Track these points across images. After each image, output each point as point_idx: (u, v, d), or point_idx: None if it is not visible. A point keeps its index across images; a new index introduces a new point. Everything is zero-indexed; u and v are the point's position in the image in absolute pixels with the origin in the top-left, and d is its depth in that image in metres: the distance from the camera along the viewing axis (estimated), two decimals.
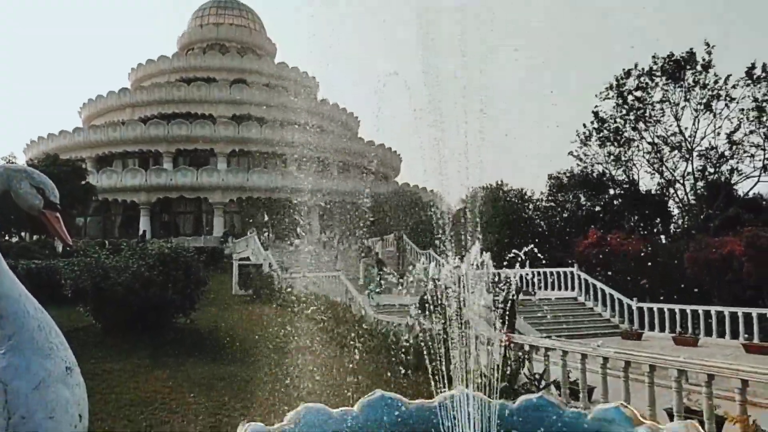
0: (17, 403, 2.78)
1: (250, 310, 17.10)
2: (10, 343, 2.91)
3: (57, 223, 3.23)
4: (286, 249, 31.79)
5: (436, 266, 20.46)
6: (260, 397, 7.69)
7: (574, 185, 39.82)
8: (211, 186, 41.37)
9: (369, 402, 4.43)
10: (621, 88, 37.00)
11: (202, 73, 50.97)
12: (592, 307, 20.28)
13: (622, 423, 4.02)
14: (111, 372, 9.20)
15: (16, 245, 25.98)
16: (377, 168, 50.13)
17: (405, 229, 32.45)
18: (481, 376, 4.81)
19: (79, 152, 44.77)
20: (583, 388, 7.66)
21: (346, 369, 9.40)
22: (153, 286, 11.77)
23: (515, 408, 4.50)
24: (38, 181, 3.21)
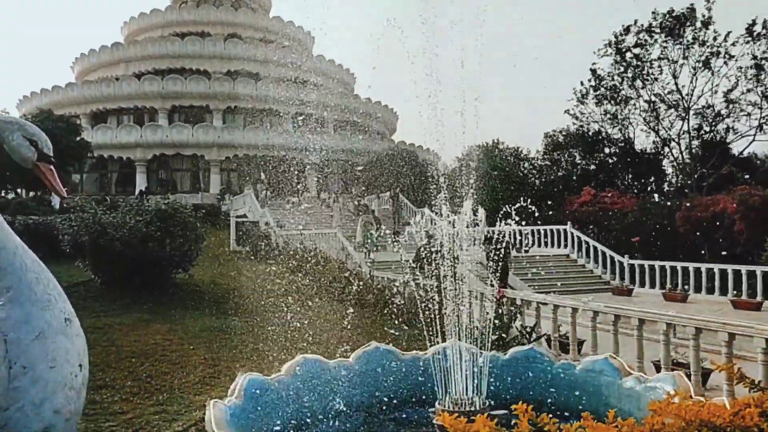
0: (17, 354, 2.84)
1: (248, 265, 17.25)
2: (9, 295, 2.95)
3: (51, 175, 3.23)
4: (282, 206, 31.82)
5: (431, 223, 20.55)
6: (258, 349, 7.85)
7: (570, 144, 39.71)
8: (207, 143, 41.04)
9: (364, 354, 4.54)
10: (620, 44, 36.48)
11: (196, 27, 49.85)
12: (584, 264, 20.52)
13: (610, 374, 4.14)
14: (111, 326, 9.34)
15: (13, 201, 25.93)
16: (374, 125, 49.73)
17: (401, 186, 32.44)
18: (473, 329, 4.91)
19: (73, 108, 44.15)
20: (573, 341, 7.83)
21: (341, 323, 9.57)
22: (151, 242, 11.83)
23: (506, 359, 4.63)
24: (31, 133, 3.19)
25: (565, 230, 21.56)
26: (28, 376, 2.83)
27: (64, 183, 3.40)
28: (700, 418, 1.77)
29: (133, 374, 6.87)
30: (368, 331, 8.98)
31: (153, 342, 8.48)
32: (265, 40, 49.79)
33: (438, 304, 5.15)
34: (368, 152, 40.54)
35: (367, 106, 48.52)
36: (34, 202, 26.57)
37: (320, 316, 10.05)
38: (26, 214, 19.41)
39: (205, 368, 7.20)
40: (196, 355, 7.80)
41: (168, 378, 6.75)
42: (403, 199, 32.16)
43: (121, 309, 10.77)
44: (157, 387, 6.41)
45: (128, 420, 5.37)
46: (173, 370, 7.09)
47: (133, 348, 8.09)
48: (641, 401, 3.75)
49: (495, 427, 1.59)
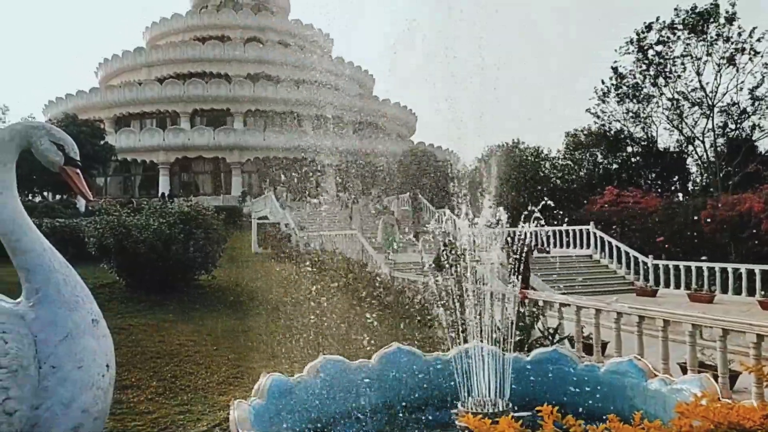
0: (47, 354, 2.90)
1: (269, 267, 17.37)
2: (38, 296, 3.02)
3: (77, 178, 3.30)
4: (302, 208, 31.98)
5: (452, 224, 20.49)
6: (280, 349, 7.90)
7: (592, 143, 39.30)
8: (228, 146, 41.45)
9: (386, 354, 4.54)
10: (641, 42, 35.99)
11: (216, 31, 50.42)
12: (608, 264, 20.27)
13: (635, 375, 4.08)
14: (136, 326, 9.48)
15: (39, 205, 26.44)
16: (393, 127, 49.74)
17: (420, 187, 32.38)
18: (495, 330, 4.88)
19: (96, 112, 44.93)
20: (596, 342, 7.75)
21: (362, 323, 9.59)
22: (174, 244, 11.99)
23: (529, 361, 4.59)
24: (58, 138, 3.26)
25: (588, 230, 21.32)
26: (57, 376, 2.89)
27: (90, 186, 3.46)
28: (729, 420, 1.74)
29: (158, 374, 6.96)
30: (389, 332, 8.97)
31: (177, 342, 8.58)
32: (285, 43, 50.16)
33: (459, 305, 5.13)
34: (387, 153, 40.57)
35: (385, 107, 48.56)
36: (60, 205, 27.07)
37: (341, 317, 10.08)
38: (53, 217, 19.79)
39: (229, 368, 7.27)
40: (219, 356, 7.88)
41: (192, 378, 6.83)
42: (422, 199, 32.10)
43: (145, 310, 10.92)
44: (181, 387, 6.49)
45: (154, 420, 5.45)
46: (197, 370, 7.18)
47: (158, 348, 8.20)
48: (667, 403, 3.70)
49: (520, 428, 1.58)
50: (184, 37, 50.72)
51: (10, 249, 3.07)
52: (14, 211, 3.11)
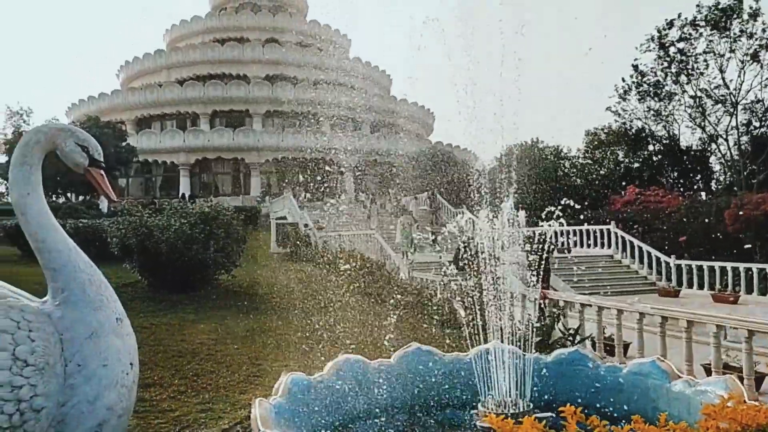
0: (72, 353, 2.95)
1: (288, 266, 17.48)
2: (63, 295, 3.07)
3: (102, 179, 3.35)
4: (320, 208, 32.11)
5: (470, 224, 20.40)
6: (300, 349, 7.94)
7: (612, 141, 38.89)
8: (248, 146, 41.78)
9: (405, 354, 4.54)
10: (663, 39, 35.51)
11: (235, 32, 50.85)
12: (629, 264, 20.04)
13: (658, 377, 4.03)
14: (158, 325, 9.61)
15: (63, 205, 26.91)
16: (410, 126, 49.71)
17: (438, 187, 32.32)
18: (515, 330, 4.85)
19: (118, 114, 45.61)
20: (618, 343, 7.66)
21: (381, 323, 9.59)
22: (195, 244, 12.12)
23: (550, 361, 4.55)
24: (82, 139, 3.32)
25: (609, 230, 21.10)
26: (83, 374, 2.94)
27: (113, 187, 3.52)
28: (757, 422, 1.71)
29: (180, 373, 7.04)
30: (408, 332, 8.98)
31: (198, 341, 8.68)
32: (303, 44, 50.39)
33: (479, 305, 5.11)
34: (405, 153, 40.55)
35: (403, 107, 48.54)
36: (83, 206, 27.54)
37: (360, 317, 10.10)
38: (76, 218, 20.14)
39: (249, 367, 7.33)
40: (240, 354, 7.95)
41: (213, 377, 6.90)
42: (440, 199, 32.03)
43: (167, 309, 11.06)
44: (203, 385, 6.56)
45: (176, 418, 5.52)
46: (218, 368, 7.25)
47: (179, 347, 8.30)
48: (691, 405, 3.64)
49: (543, 428, 1.57)
50: (203, 39, 51.25)
51: (37, 249, 3.14)
52: (40, 212, 3.18)
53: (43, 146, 3.25)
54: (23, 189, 3.16)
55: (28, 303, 3.03)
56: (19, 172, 3.17)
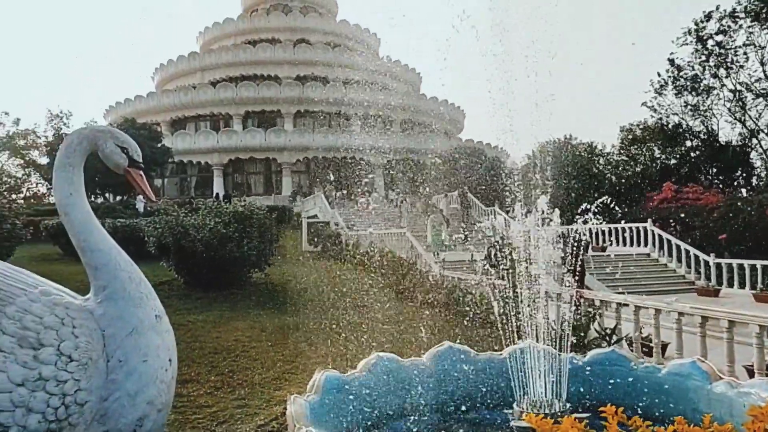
0: (114, 348, 3.03)
1: (320, 265, 17.61)
2: (105, 293, 3.15)
3: (141, 179, 3.43)
4: (351, 207, 32.24)
5: (503, 222, 20.23)
6: (332, 346, 8.00)
7: (648, 137, 38.04)
8: (279, 146, 42.21)
9: (438, 353, 4.53)
10: (700, 32, 34.54)
11: (267, 34, 51.40)
12: (666, 263, 19.59)
13: (698, 378, 3.93)
14: (194, 323, 9.79)
15: (102, 205, 27.62)
16: (440, 124, 49.50)
17: (469, 185, 32.11)
18: (549, 330, 4.79)
19: (154, 116, 46.56)
20: (656, 343, 7.49)
21: (412, 322, 9.59)
22: (229, 243, 12.32)
23: (586, 361, 4.49)
24: (122, 141, 3.40)
25: (645, 228, 20.66)
26: (124, 370, 3.01)
27: (151, 187, 3.60)
28: None
29: (216, 369, 7.16)
30: (439, 330, 8.94)
31: (233, 338, 8.81)
32: (333, 44, 50.67)
33: (512, 304, 5.07)
34: (435, 151, 40.40)
35: (433, 105, 48.37)
36: (121, 206, 28.22)
37: (391, 315, 10.12)
38: (114, 217, 20.63)
39: (283, 364, 7.41)
40: (273, 352, 8.04)
41: (248, 373, 7.00)
42: (471, 197, 31.82)
43: (202, 307, 11.26)
44: (238, 382, 6.66)
45: (213, 413, 5.62)
46: (253, 365, 7.35)
47: (215, 344, 8.44)
48: (733, 407, 3.55)
49: (584, 428, 1.55)
50: (235, 41, 51.95)
51: (80, 248, 3.22)
52: (83, 212, 3.26)
53: (85, 148, 3.34)
54: (67, 190, 3.25)
55: (72, 300, 3.11)
56: (62, 173, 3.26)
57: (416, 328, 9.00)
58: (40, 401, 2.74)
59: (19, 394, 2.71)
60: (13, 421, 2.69)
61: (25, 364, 2.76)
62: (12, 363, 2.73)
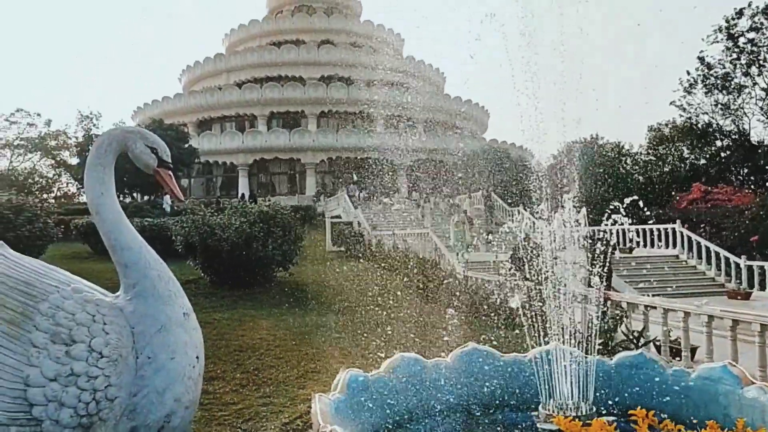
0: (143, 345, 3.08)
1: (343, 265, 17.67)
2: (135, 290, 3.20)
3: (170, 179, 3.48)
4: (374, 207, 32.29)
5: (528, 223, 20.07)
6: (356, 346, 8.03)
7: (677, 137, 37.35)
8: (303, 147, 42.50)
9: (462, 354, 4.51)
10: (732, 29, 33.78)
11: (291, 35, 51.81)
12: (695, 265, 19.20)
13: (729, 382, 3.85)
14: (220, 320, 9.92)
15: (130, 205, 28.12)
16: (464, 124, 49.29)
17: (493, 185, 31.90)
18: (575, 332, 4.73)
19: (181, 117, 47.27)
20: (685, 347, 7.35)
21: (435, 322, 9.56)
22: (255, 242, 12.44)
23: (613, 364, 4.42)
24: (151, 141, 3.46)
25: (674, 229, 20.29)
26: (153, 366, 3.05)
27: (179, 187, 3.65)
28: None
29: (242, 367, 7.24)
30: (463, 331, 8.91)
31: (258, 337, 8.89)
32: (357, 45, 50.85)
33: (538, 305, 5.02)
34: (459, 151, 40.22)
35: (457, 104, 48.19)
36: (148, 206, 28.69)
37: (414, 316, 10.10)
38: (141, 217, 20.99)
39: (307, 363, 7.45)
40: (298, 350, 8.10)
41: (273, 371, 7.06)
42: (495, 198, 31.61)
43: (228, 305, 11.39)
44: (263, 380, 6.73)
45: (239, 410, 5.68)
46: (278, 364, 7.41)
47: (240, 342, 8.54)
48: (765, 413, 3.46)
49: (613, 431, 1.53)
50: (261, 42, 52.47)
51: (110, 246, 3.28)
52: (114, 212, 3.32)
53: (115, 148, 3.40)
54: (98, 189, 3.31)
55: (103, 297, 3.17)
56: (93, 173, 3.32)
57: (439, 328, 8.98)
58: (72, 396, 2.80)
59: (52, 389, 2.77)
60: (46, 415, 2.75)
61: (58, 359, 2.82)
62: (45, 358, 2.79)
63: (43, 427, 2.75)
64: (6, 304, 2.82)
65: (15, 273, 2.93)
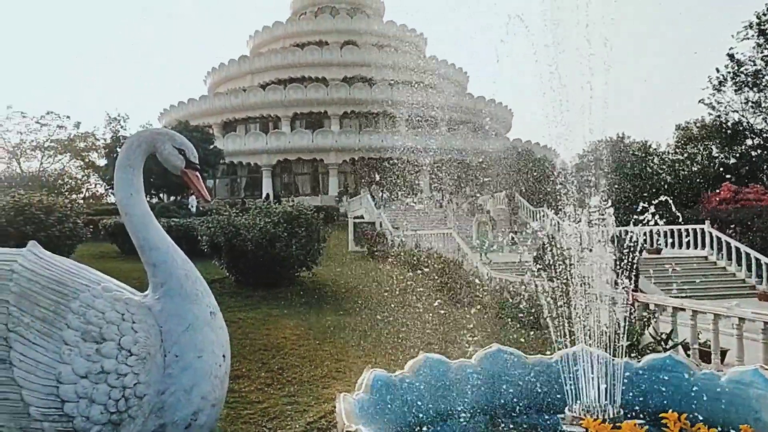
0: (171, 344, 3.12)
1: (366, 265, 17.70)
2: (163, 289, 3.25)
3: (197, 180, 3.53)
4: (397, 207, 32.28)
5: (552, 224, 19.84)
6: (379, 346, 8.04)
7: (706, 136, 36.60)
8: (326, 147, 42.71)
9: (486, 355, 4.48)
10: (763, 25, 32.98)
11: (314, 36, 52.11)
12: (725, 266, 18.78)
13: (761, 386, 3.76)
14: (245, 320, 10.01)
15: (156, 205, 28.56)
16: (488, 124, 49.00)
17: (517, 185, 31.64)
18: (602, 334, 4.67)
19: (206, 119, 47.87)
20: (715, 349, 7.21)
21: (459, 323, 9.52)
22: (278, 242, 12.53)
23: (641, 367, 4.35)
24: (179, 143, 3.51)
25: (703, 230, 19.88)
26: (180, 364, 3.10)
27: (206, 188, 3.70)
28: None
29: (266, 366, 7.30)
30: (487, 333, 8.86)
31: (282, 336, 8.95)
32: (379, 45, 50.93)
33: (563, 307, 4.96)
34: (482, 151, 40.01)
35: (480, 104, 47.95)
36: (175, 206, 29.10)
37: (437, 317, 10.07)
38: (168, 217, 21.29)
39: (331, 362, 7.48)
40: (321, 350, 8.14)
41: (298, 371, 7.10)
42: (519, 198, 31.36)
43: (252, 304, 11.48)
44: (288, 379, 6.77)
45: (264, 409, 5.73)
46: (302, 363, 7.45)
47: (264, 341, 8.60)
48: None
49: None
50: (284, 44, 52.86)
51: (139, 246, 3.34)
52: (143, 212, 3.38)
53: (145, 150, 3.46)
54: (127, 190, 3.37)
55: (132, 296, 3.23)
56: (123, 174, 3.38)
57: (462, 329, 8.94)
58: (102, 393, 2.85)
59: (83, 386, 2.83)
60: (78, 411, 2.81)
61: (89, 357, 2.87)
62: (76, 356, 2.85)
63: (74, 423, 2.80)
64: (39, 303, 2.89)
65: (48, 272, 3.00)
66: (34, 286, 2.91)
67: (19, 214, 13.14)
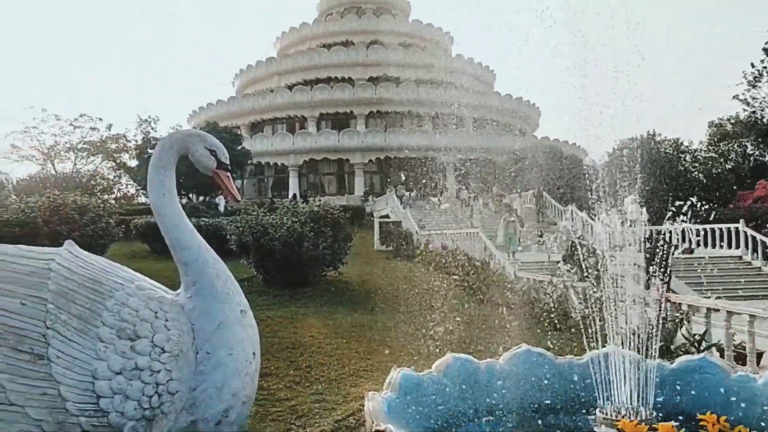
0: (202, 341, 3.17)
1: (392, 264, 17.71)
2: (195, 288, 3.31)
3: (228, 181, 3.58)
4: (423, 207, 32.23)
5: (582, 223, 19.57)
6: (406, 345, 8.03)
7: (740, 132, 35.71)
8: (352, 147, 42.87)
9: (515, 356, 4.45)
10: None
11: (341, 37, 52.35)
12: (761, 266, 18.31)
13: None
14: (273, 318, 10.09)
15: (186, 205, 29.02)
16: (514, 122, 48.61)
17: (544, 184, 31.30)
18: (633, 335, 4.59)
19: (234, 120, 48.48)
20: (750, 351, 7.02)
21: (486, 323, 9.47)
22: (306, 241, 12.61)
23: (674, 368, 4.28)
24: (211, 144, 3.56)
25: (737, 229, 19.41)
26: (212, 362, 3.15)
27: None
28: None
29: (294, 364, 7.35)
30: (515, 332, 8.79)
31: (309, 335, 9.01)
32: (405, 45, 50.92)
33: (594, 307, 4.90)
34: (508, 150, 39.69)
35: (507, 102, 47.58)
36: (204, 206, 29.53)
37: (464, 316, 10.02)
38: (197, 217, 21.59)
39: (358, 361, 7.50)
40: (348, 349, 8.16)
41: (325, 369, 7.14)
42: (546, 197, 31.02)
43: (280, 303, 11.58)
44: (316, 377, 6.81)
45: (292, 407, 5.78)
46: (329, 361, 7.49)
47: (292, 339, 8.67)
48: None
49: None
50: (311, 45, 53.24)
51: (171, 245, 3.40)
52: (175, 212, 3.44)
53: (177, 151, 3.52)
54: (160, 191, 3.43)
55: (164, 295, 3.29)
56: (156, 174, 3.45)
57: (490, 329, 8.89)
58: (136, 389, 2.91)
59: (118, 382, 2.89)
60: (112, 407, 2.87)
61: (123, 354, 2.94)
62: (112, 353, 2.92)
63: (109, 419, 2.87)
64: (76, 300, 2.96)
65: (84, 270, 3.07)
66: (71, 284, 2.98)
67: (54, 214, 13.46)
